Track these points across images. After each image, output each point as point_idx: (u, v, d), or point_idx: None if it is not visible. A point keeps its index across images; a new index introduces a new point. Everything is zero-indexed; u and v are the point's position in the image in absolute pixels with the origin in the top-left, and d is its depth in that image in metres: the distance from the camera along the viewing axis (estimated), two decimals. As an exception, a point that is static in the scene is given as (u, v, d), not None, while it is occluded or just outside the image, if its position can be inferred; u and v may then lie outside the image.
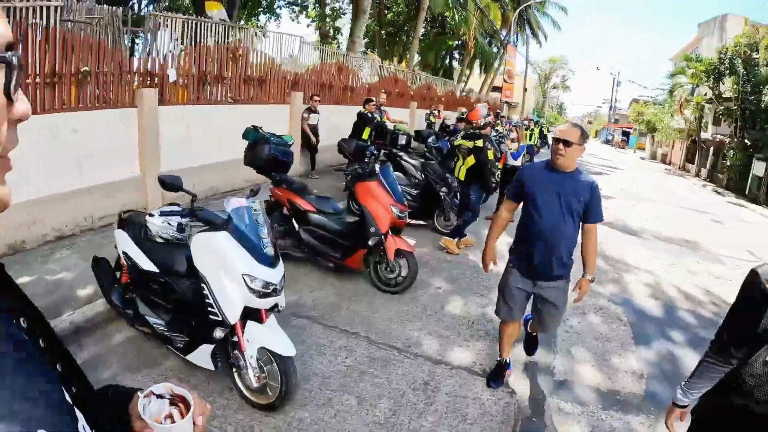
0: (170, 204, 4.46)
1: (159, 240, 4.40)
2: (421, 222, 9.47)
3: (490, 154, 8.23)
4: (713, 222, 15.14)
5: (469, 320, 5.87)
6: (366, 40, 41.29)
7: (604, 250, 9.07)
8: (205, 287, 3.70)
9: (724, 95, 28.94)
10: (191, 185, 8.53)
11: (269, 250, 3.82)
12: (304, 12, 36.10)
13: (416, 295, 6.36)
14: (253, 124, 6.73)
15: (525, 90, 47.11)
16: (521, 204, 4.19)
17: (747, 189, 25.12)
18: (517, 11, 35.02)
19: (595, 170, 25.76)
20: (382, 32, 36.78)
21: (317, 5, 33.10)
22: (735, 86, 26.16)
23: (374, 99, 12.85)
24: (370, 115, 12.10)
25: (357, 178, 6.53)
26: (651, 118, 43.61)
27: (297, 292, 6.08)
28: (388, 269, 6.29)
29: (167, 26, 9.67)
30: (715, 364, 2.42)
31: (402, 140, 11.32)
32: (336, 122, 13.31)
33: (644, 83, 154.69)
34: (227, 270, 3.64)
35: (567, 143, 3.81)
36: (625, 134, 73.66)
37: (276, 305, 3.96)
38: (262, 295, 3.71)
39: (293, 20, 37.86)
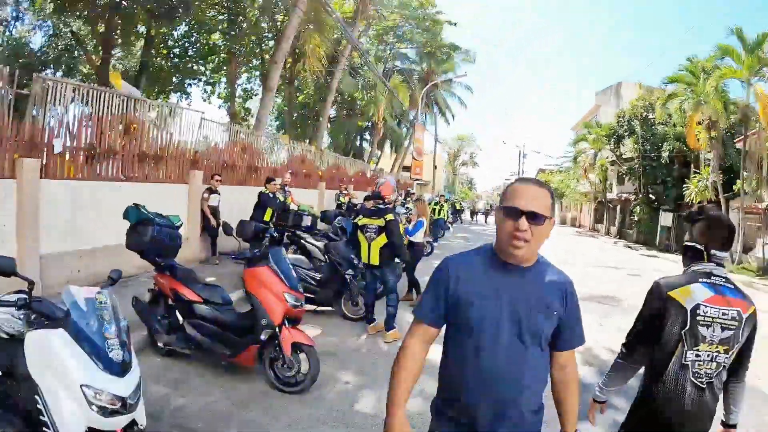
0: (17, 291, 3.50)
1: (2, 335, 3.42)
2: (329, 308, 8.58)
3: (401, 227, 7.91)
4: (630, 276, 15.39)
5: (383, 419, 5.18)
6: (277, 122, 41.47)
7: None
8: (39, 400, 2.90)
9: (624, 156, 30.37)
10: (75, 270, 8.35)
11: (116, 354, 3.10)
12: (216, 92, 35.84)
13: (321, 394, 5.41)
14: (134, 202, 6.02)
15: (435, 167, 47.76)
16: (444, 328, 2.31)
17: (657, 240, 26.13)
18: (424, 90, 35.92)
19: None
20: (293, 114, 36.90)
21: (227, 85, 32.81)
22: (635, 145, 27.77)
23: (275, 178, 11.92)
24: (271, 195, 11.30)
25: (246, 264, 5.75)
26: (558, 186, 45.11)
27: (183, 396, 5.14)
28: (286, 366, 5.35)
29: (68, 96, 8.95)
30: (625, 364, 2.80)
31: (306, 221, 10.56)
32: (240, 203, 12.18)
33: (549, 153, 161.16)
34: (62, 379, 2.91)
35: (537, 217, 2.03)
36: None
37: (133, 423, 3.16)
38: (110, 413, 2.95)
39: (205, 100, 37.37)
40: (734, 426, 2.75)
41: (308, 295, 8.14)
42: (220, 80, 34.27)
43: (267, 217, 11.01)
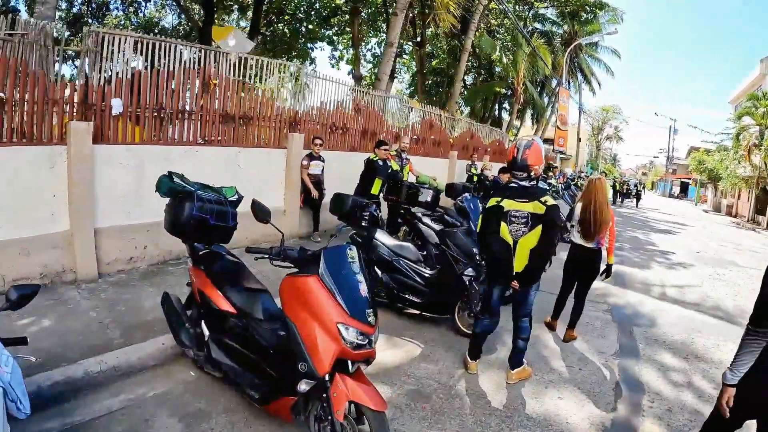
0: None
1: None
2: (442, 315, 6.76)
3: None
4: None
5: None
6: (410, 89, 39.97)
7: (697, 350, 6.91)
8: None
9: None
10: (140, 246, 7.56)
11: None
12: (345, 58, 34.85)
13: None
14: (169, 170, 4.76)
15: (579, 140, 45.02)
16: None
17: (837, 243, 22.26)
18: (569, 50, 32.87)
19: (661, 227, 23.48)
20: (426, 80, 35.29)
21: (352, 48, 31.55)
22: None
23: (388, 143, 10.35)
24: (381, 162, 9.73)
25: (296, 267, 3.83)
26: (715, 166, 40.67)
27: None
28: (333, 433, 3.54)
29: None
30: (756, 336, 2.83)
31: (426, 196, 8.83)
32: (352, 172, 10.41)
33: (705, 128, 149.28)
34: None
35: None
36: (684, 186, 70.68)
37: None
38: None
39: (333, 66, 36.44)
40: None
41: (411, 297, 6.65)
42: (345, 45, 33.08)
43: (375, 190, 9.62)
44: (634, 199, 41.79)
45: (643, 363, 6.16)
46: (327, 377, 3.43)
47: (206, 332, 4.44)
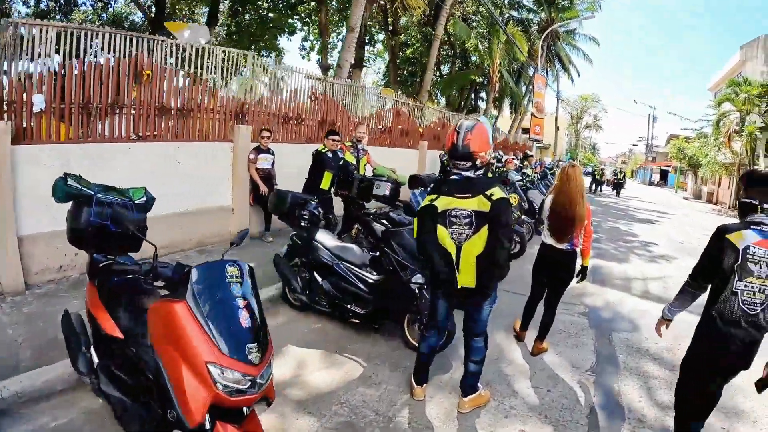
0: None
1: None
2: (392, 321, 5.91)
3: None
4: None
5: None
6: (384, 80, 39.05)
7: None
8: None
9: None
10: (71, 253, 6.68)
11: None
12: (314, 50, 33.85)
13: None
14: (65, 172, 3.88)
15: (557, 128, 44.21)
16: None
17: (818, 229, 21.65)
18: (545, 35, 31.94)
19: (642, 216, 22.72)
20: (400, 70, 34.40)
21: (319, 36, 30.39)
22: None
23: (337, 132, 9.16)
24: (330, 154, 8.79)
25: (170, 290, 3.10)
26: (695, 153, 40.17)
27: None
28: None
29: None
30: (690, 290, 3.73)
31: (383, 190, 7.67)
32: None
33: (685, 116, 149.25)
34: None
35: None
36: (663, 173, 70.52)
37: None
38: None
39: (303, 57, 35.49)
40: None
41: (353, 307, 5.82)
42: (316, 36, 32.04)
43: (325, 184, 8.72)
44: (614, 188, 39.69)
45: (623, 379, 5.30)
46: (208, 425, 2.73)
47: (95, 358, 3.68)
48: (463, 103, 37.55)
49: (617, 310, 7.60)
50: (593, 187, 37.19)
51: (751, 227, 3.33)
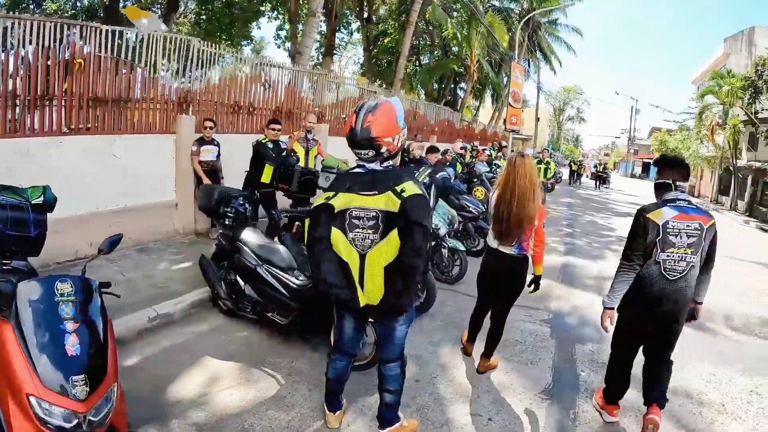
0: None
1: None
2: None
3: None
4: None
5: None
6: (362, 70, 38.10)
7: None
8: None
9: (762, 115, 25.27)
10: None
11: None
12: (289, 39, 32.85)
13: None
14: None
15: (537, 119, 43.69)
16: None
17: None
18: (523, 21, 30.96)
19: (622, 209, 21.97)
20: (381, 60, 33.51)
21: (289, 23, 29.31)
22: (778, 102, 22.52)
23: (278, 121, 8.58)
24: (271, 145, 8.15)
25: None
26: (677, 146, 39.67)
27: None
28: None
29: None
30: (625, 270, 3.86)
31: (327, 183, 7.00)
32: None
33: (668, 108, 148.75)
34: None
35: None
36: (645, 166, 70.29)
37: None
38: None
39: (279, 47, 34.55)
40: (700, 303, 4.03)
41: (275, 316, 5.15)
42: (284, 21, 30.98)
43: (266, 178, 8.04)
44: (597, 180, 37.76)
45: (582, 404, 4.49)
46: None
47: None
48: (442, 94, 36.68)
49: (585, 316, 6.79)
50: (572, 179, 36.72)
51: (668, 204, 3.74)
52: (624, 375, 4.16)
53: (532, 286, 4.73)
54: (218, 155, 8.97)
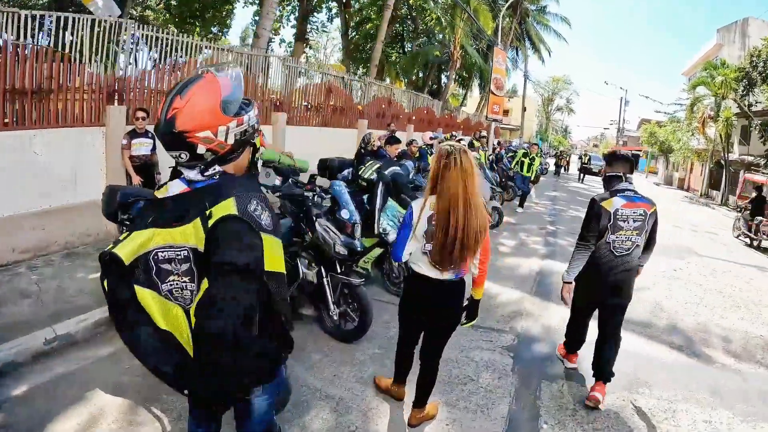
0: None
1: None
2: None
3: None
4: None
5: None
6: (340, 57, 36.80)
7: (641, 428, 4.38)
8: None
9: (755, 108, 24.31)
10: None
11: None
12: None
13: None
14: None
15: (524, 109, 42.55)
16: None
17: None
18: (507, 5, 29.60)
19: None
20: (363, 47, 32.17)
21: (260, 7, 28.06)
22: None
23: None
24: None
25: None
26: (667, 138, 38.71)
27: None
28: None
29: None
30: (581, 249, 4.40)
31: (271, 180, 6.11)
32: None
33: (658, 99, 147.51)
34: None
35: None
36: (634, 157, 69.47)
37: None
38: None
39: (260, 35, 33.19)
40: (641, 266, 4.65)
41: None
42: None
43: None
44: (580, 173, 35.69)
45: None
46: None
47: None
48: (426, 83, 35.46)
49: (557, 341, 5.62)
50: (556, 170, 36.31)
51: (618, 195, 4.34)
52: (581, 331, 4.98)
53: (466, 315, 3.66)
54: (153, 149, 8.13)
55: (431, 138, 13.47)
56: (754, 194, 16.31)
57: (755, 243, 14.51)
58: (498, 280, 7.76)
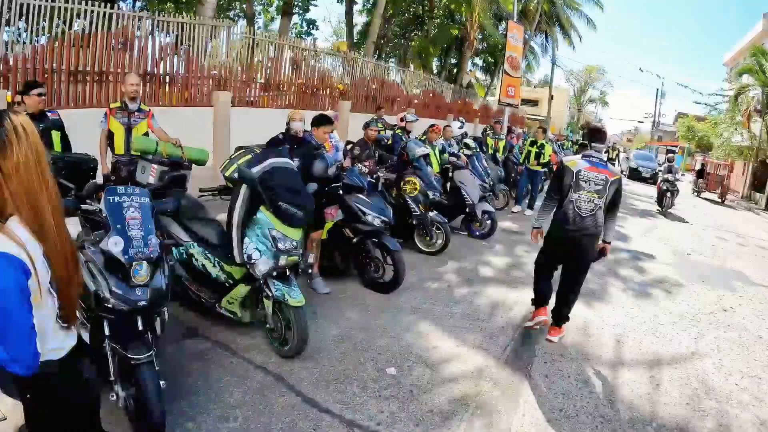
0: None
1: None
2: None
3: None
4: None
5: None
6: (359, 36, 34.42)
7: None
8: None
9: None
10: None
11: None
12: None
13: None
14: None
15: (551, 97, 39.68)
16: None
17: None
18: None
19: (640, 207, 18.35)
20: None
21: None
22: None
23: (40, 84, 6.04)
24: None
25: None
26: (707, 132, 35.64)
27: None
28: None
29: None
30: (547, 202, 5.28)
31: (146, 176, 5.61)
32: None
33: (696, 89, 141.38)
34: None
35: None
36: (670, 153, 66.28)
37: None
38: None
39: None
40: (608, 242, 5.26)
41: None
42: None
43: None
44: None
45: None
46: None
47: None
48: (444, 67, 32.90)
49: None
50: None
51: (583, 158, 5.11)
52: (547, 284, 5.53)
53: None
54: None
55: (402, 119, 10.90)
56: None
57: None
58: (454, 331, 5.54)
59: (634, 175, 30.95)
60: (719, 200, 25.16)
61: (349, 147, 8.60)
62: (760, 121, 25.85)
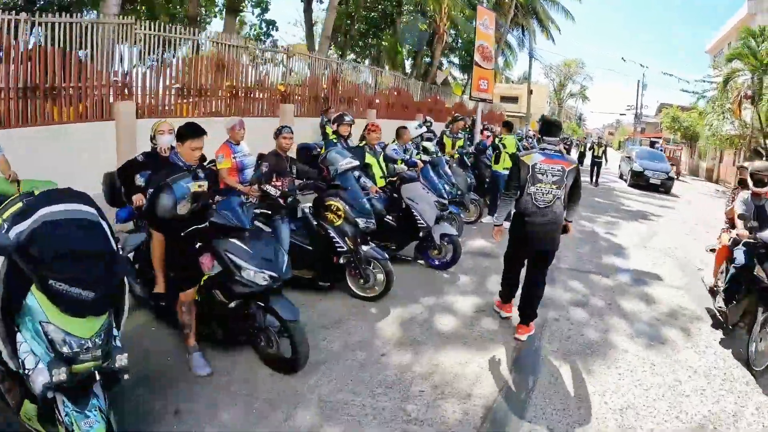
0: None
1: None
2: None
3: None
4: None
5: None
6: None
7: None
8: None
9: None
10: None
11: None
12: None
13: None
14: None
15: (530, 92, 38.43)
16: None
17: None
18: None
19: (634, 208, 16.57)
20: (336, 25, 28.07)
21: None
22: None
23: None
24: None
25: None
26: (692, 123, 34.24)
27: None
28: None
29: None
30: (505, 198, 5.37)
31: None
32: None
33: (682, 78, 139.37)
34: None
35: None
36: (652, 145, 65.36)
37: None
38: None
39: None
40: (570, 221, 5.43)
41: None
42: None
43: None
44: (591, 168, 22.83)
45: None
46: None
47: None
48: (417, 66, 31.23)
49: None
50: (592, 168, 28.21)
51: (538, 151, 5.22)
52: (513, 281, 5.66)
53: None
54: None
55: (336, 121, 8.79)
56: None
57: None
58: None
59: (639, 180, 23.26)
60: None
61: (258, 162, 6.65)
62: (751, 108, 24.52)
